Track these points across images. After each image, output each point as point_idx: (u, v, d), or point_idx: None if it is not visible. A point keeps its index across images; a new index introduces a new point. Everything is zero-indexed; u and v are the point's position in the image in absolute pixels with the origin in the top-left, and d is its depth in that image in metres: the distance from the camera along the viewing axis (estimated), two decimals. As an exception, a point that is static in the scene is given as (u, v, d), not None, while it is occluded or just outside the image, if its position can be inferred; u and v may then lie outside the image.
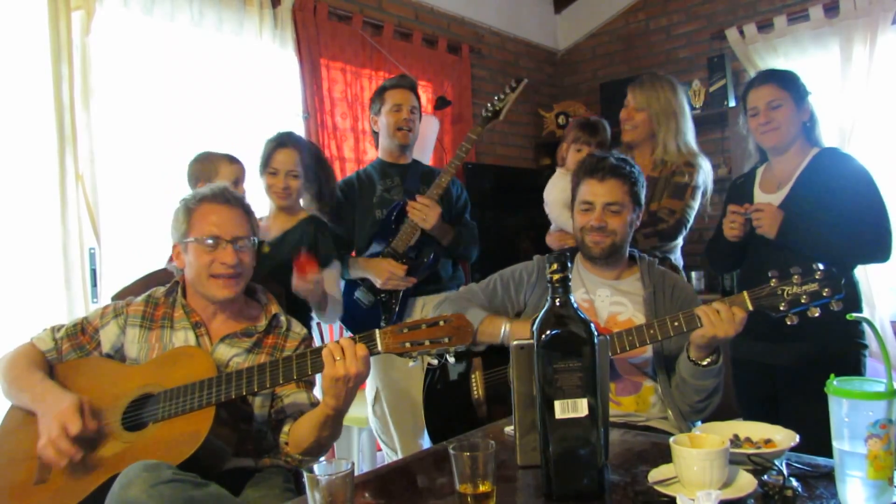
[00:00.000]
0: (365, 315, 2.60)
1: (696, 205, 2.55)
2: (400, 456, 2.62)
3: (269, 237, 2.36)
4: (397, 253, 2.56)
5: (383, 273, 2.51)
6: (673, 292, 1.94)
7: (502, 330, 1.91)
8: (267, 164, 2.35)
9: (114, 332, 1.73)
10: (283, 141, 2.36)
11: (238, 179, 2.32)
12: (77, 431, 1.46)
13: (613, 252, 1.94)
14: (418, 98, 2.74)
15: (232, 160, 2.34)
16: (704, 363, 1.70)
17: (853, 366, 2.11)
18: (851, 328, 2.13)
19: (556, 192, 2.70)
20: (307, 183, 2.40)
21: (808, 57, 3.95)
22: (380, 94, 2.72)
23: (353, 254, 2.70)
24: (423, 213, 2.50)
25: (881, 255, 2.09)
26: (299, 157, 2.35)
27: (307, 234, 2.35)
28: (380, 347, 1.47)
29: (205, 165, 2.29)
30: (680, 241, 2.62)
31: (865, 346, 2.16)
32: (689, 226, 2.55)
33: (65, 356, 1.72)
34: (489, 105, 2.67)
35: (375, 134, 2.77)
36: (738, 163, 3.92)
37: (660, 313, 1.87)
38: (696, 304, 1.90)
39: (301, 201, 2.48)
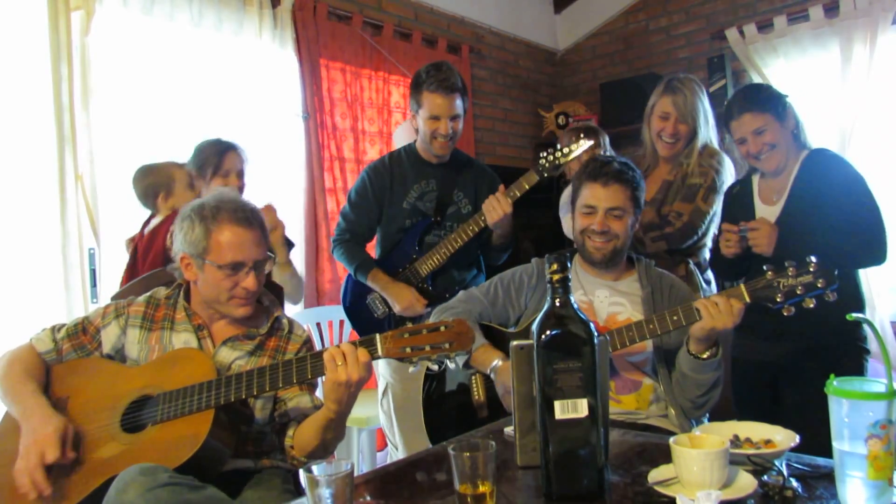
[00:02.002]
0: (375, 322, 2.57)
1: (709, 207, 2.44)
2: (401, 452, 2.63)
3: None
4: (418, 276, 2.50)
5: (403, 302, 2.46)
6: (671, 292, 1.96)
7: (492, 364, 1.91)
8: (218, 169, 2.30)
9: (115, 333, 1.72)
10: (229, 144, 2.37)
11: (191, 181, 2.32)
12: (53, 460, 1.45)
13: (614, 256, 1.94)
14: (464, 96, 2.48)
15: (179, 165, 2.33)
16: (704, 356, 1.71)
17: (854, 368, 2.10)
18: (853, 330, 2.12)
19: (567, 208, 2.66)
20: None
21: (808, 57, 3.94)
22: (416, 89, 2.46)
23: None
24: (495, 206, 2.38)
25: (876, 259, 2.09)
26: (242, 159, 2.37)
27: None
28: (380, 352, 1.46)
29: (157, 177, 2.27)
30: (707, 243, 2.53)
31: (868, 351, 2.15)
32: (701, 229, 2.45)
33: (65, 356, 1.71)
34: (549, 156, 2.36)
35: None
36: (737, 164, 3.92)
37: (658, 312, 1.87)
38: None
39: None
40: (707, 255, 2.55)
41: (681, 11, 4.60)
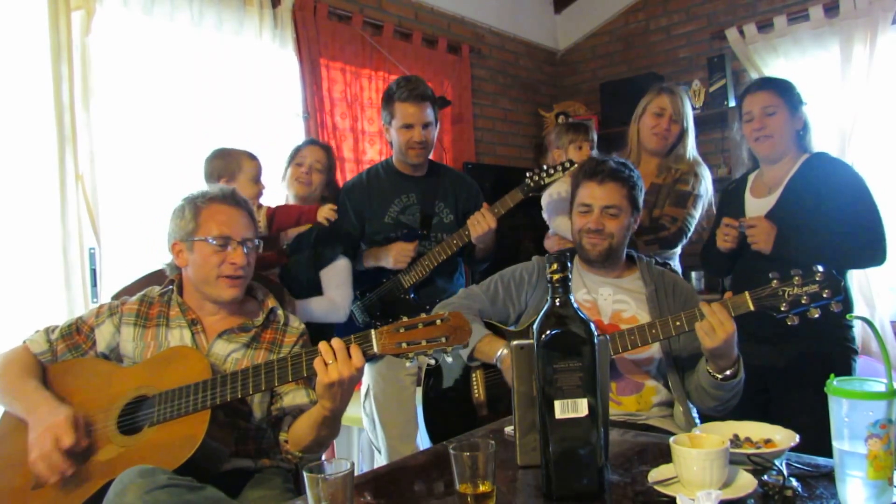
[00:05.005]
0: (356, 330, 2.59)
1: (696, 213, 2.57)
2: (384, 457, 2.60)
3: (285, 241, 2.44)
4: (401, 287, 2.53)
5: (392, 255, 2.51)
6: (674, 290, 1.96)
7: (497, 353, 1.90)
8: (294, 157, 2.59)
9: (109, 331, 1.72)
10: (314, 140, 2.72)
11: (257, 176, 2.36)
12: (70, 444, 1.44)
13: (610, 255, 1.94)
14: (434, 106, 2.53)
15: (252, 156, 2.37)
16: (720, 377, 1.68)
17: (842, 369, 2.10)
18: (842, 332, 2.13)
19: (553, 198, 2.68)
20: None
21: (808, 57, 3.94)
22: (388, 102, 2.52)
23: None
24: (479, 221, 2.40)
25: (876, 259, 2.10)
26: (326, 156, 2.61)
27: (312, 235, 2.41)
28: (376, 349, 1.44)
29: (228, 162, 2.32)
30: (679, 249, 2.62)
31: (856, 351, 2.16)
32: (689, 234, 2.56)
33: (60, 357, 1.70)
34: (534, 176, 2.41)
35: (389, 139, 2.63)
36: (736, 164, 3.92)
37: (663, 310, 1.88)
38: (696, 300, 1.91)
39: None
40: (677, 262, 2.62)
41: (681, 11, 4.60)
